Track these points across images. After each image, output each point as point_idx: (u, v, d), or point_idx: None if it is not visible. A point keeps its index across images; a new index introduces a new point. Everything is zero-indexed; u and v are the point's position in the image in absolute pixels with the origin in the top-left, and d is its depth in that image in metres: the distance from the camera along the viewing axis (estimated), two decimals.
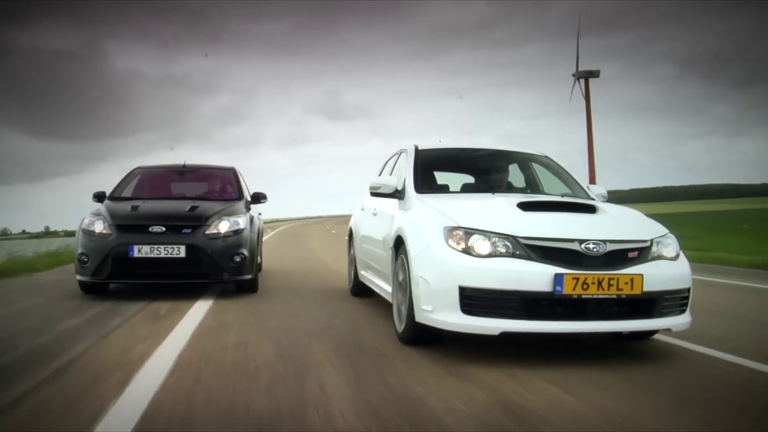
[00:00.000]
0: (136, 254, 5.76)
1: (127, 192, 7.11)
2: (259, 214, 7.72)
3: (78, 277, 6.07)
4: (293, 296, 6.42)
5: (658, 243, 3.78)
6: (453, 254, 3.60)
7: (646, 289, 3.50)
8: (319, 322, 4.87)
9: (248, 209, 6.74)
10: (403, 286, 4.07)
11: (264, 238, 10.94)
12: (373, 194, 4.85)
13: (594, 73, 53.19)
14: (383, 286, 4.89)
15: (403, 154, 5.35)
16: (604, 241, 3.55)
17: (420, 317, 3.74)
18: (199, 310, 5.34)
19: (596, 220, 3.89)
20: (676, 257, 3.84)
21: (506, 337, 3.53)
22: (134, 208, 6.32)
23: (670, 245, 3.84)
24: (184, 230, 5.91)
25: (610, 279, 3.44)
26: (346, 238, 6.94)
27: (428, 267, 3.70)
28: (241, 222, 6.23)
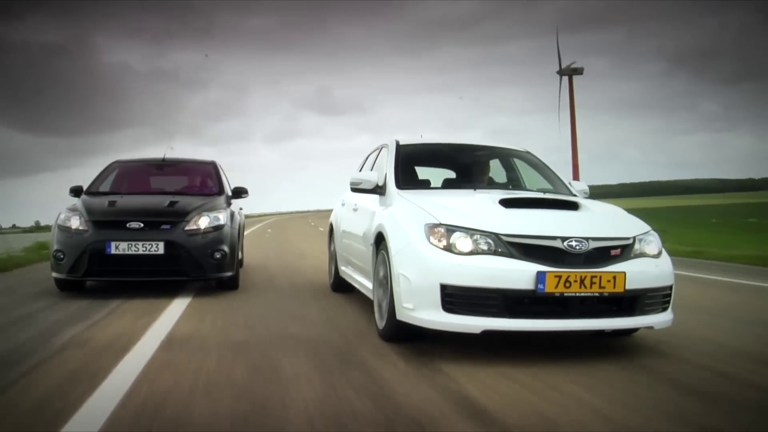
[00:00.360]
0: (113, 251, 5.60)
1: (105, 187, 6.91)
2: (240, 209, 7.60)
3: (54, 274, 5.91)
4: (273, 294, 6.34)
5: (640, 240, 3.76)
6: (434, 252, 3.55)
7: (628, 286, 3.48)
8: (297, 328, 4.72)
9: (229, 204, 6.62)
10: (384, 283, 4.01)
11: (246, 232, 10.76)
12: (354, 190, 4.78)
13: (578, 71, 54.56)
14: (364, 283, 4.82)
15: (383, 149, 5.28)
16: (587, 239, 3.52)
17: (401, 315, 3.69)
18: (172, 314, 4.98)
19: (579, 217, 3.86)
20: (659, 254, 3.82)
21: (488, 335, 3.49)
22: (111, 203, 6.16)
23: (652, 242, 3.82)
24: (163, 226, 5.77)
25: (592, 277, 3.41)
26: (327, 233, 6.86)
27: (409, 264, 3.64)
28: (222, 217, 6.09)
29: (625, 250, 3.64)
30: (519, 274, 3.40)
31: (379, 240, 4.18)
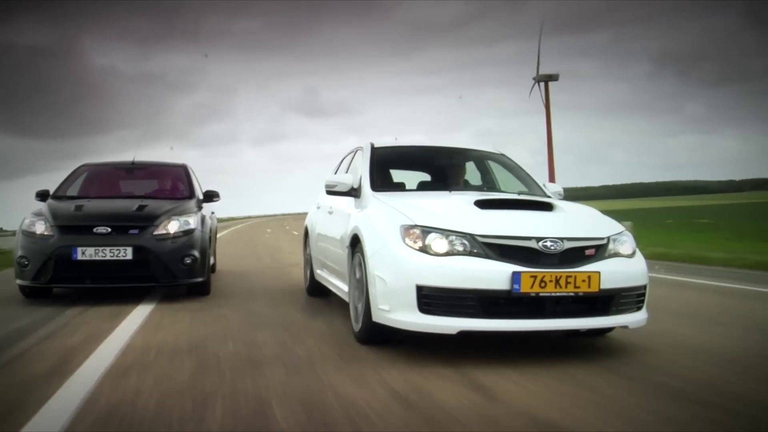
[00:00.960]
0: (79, 257, 5.45)
1: (73, 191, 6.74)
2: (212, 212, 7.50)
3: (18, 281, 5.76)
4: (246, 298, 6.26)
5: (614, 240, 3.78)
6: (410, 253, 3.53)
7: (603, 286, 3.49)
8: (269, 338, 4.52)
9: (200, 208, 6.48)
10: (360, 285, 3.99)
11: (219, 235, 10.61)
12: (329, 192, 4.76)
13: (553, 77, 57.81)
14: (340, 286, 4.79)
15: (358, 152, 5.27)
16: (562, 239, 3.53)
17: (377, 317, 3.67)
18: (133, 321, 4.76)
19: (553, 218, 3.88)
20: (633, 254, 3.84)
21: (464, 335, 3.49)
22: (78, 207, 6.01)
23: (626, 242, 3.85)
24: (131, 231, 5.64)
25: (567, 277, 3.42)
26: (302, 237, 6.81)
27: (385, 266, 3.62)
28: (192, 222, 5.97)
29: (599, 250, 3.66)
30: (494, 275, 3.40)
31: (355, 242, 4.15)
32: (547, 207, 4.03)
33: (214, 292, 6.48)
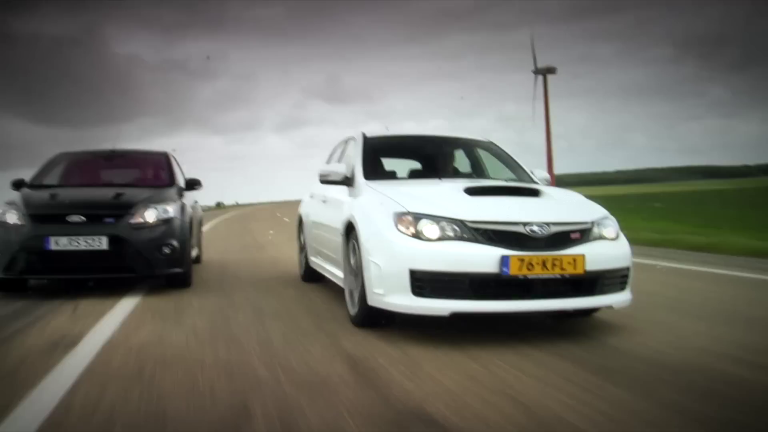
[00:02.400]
0: (52, 247, 5.26)
1: (52, 180, 6.57)
2: (195, 201, 7.41)
3: None
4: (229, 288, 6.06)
5: (598, 224, 3.94)
6: (403, 239, 3.68)
7: (588, 268, 3.66)
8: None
9: (181, 196, 6.32)
10: (355, 271, 4.14)
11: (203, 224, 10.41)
12: (323, 182, 4.89)
13: (551, 70, 59.75)
14: (335, 272, 4.94)
15: (351, 141, 5.40)
16: (548, 224, 3.69)
17: (372, 300, 3.82)
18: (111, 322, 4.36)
19: (540, 203, 4.03)
20: (617, 237, 4.01)
21: (456, 317, 3.65)
22: (52, 196, 5.84)
23: (610, 226, 4.01)
24: (106, 219, 5.45)
25: (554, 259, 3.58)
26: (296, 226, 6.96)
27: (379, 252, 3.77)
28: (171, 210, 5.78)
29: (584, 234, 3.82)
30: (484, 259, 3.55)
31: (349, 230, 4.30)
32: (534, 193, 4.19)
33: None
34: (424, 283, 3.59)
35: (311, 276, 6.14)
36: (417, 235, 3.67)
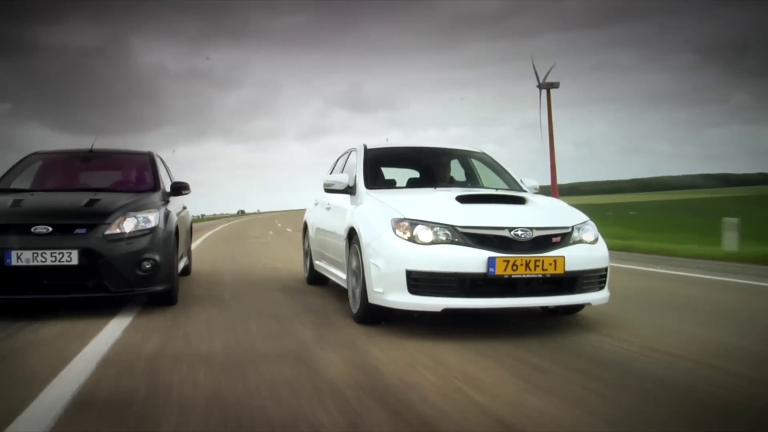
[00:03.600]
0: (14, 262, 4.57)
1: (24, 183, 5.85)
2: (184, 207, 6.80)
3: None
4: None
5: (578, 229, 4.33)
6: (400, 242, 4.09)
7: (567, 268, 4.05)
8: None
9: (165, 202, 5.61)
10: (357, 272, 4.53)
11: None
12: (327, 190, 5.29)
13: (554, 85, 65.00)
14: (338, 274, 5.34)
15: (353, 152, 5.80)
16: (531, 228, 4.08)
17: (373, 299, 4.22)
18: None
19: (524, 210, 4.43)
20: (595, 241, 4.40)
21: (447, 313, 4.05)
22: (16, 202, 5.07)
23: (589, 230, 4.40)
24: (77, 230, 4.76)
25: (536, 261, 3.97)
26: (301, 231, 7.37)
27: (379, 254, 4.17)
28: (152, 219, 5.09)
29: (564, 238, 4.21)
30: (473, 260, 3.95)
31: (351, 234, 4.70)
32: (520, 201, 4.58)
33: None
34: (419, 282, 3.99)
35: (316, 279, 6.54)
36: (413, 239, 4.07)
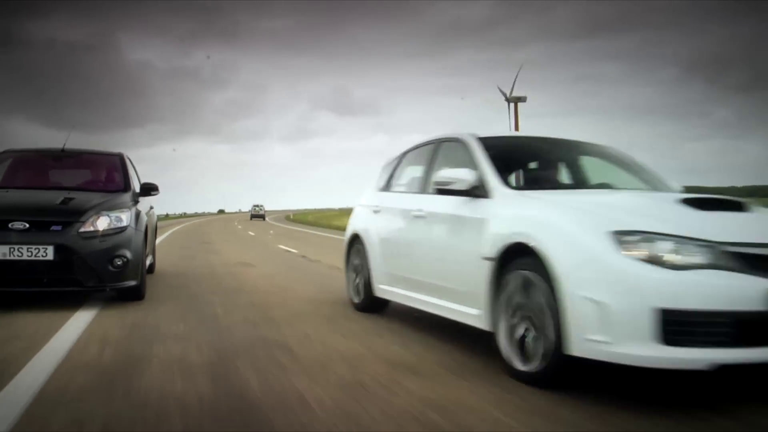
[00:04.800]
0: None
1: None
2: (151, 207, 7.02)
3: None
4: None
5: None
6: (638, 266, 2.72)
7: None
8: None
9: (135, 202, 5.80)
10: (528, 311, 3.12)
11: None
12: (442, 191, 3.88)
13: (522, 99, 68.24)
14: (457, 308, 3.86)
15: (446, 144, 4.44)
16: None
17: (582, 349, 2.82)
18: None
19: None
20: None
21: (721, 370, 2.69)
22: None
23: None
24: (53, 227, 4.97)
25: None
26: (345, 245, 5.77)
27: (599, 284, 2.78)
28: (124, 218, 5.35)
29: None
30: (750, 292, 2.65)
31: (513, 255, 3.28)
32: (744, 207, 3.31)
33: None
34: (678, 326, 2.63)
35: (373, 306, 5.11)
36: (656, 261, 2.72)
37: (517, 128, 67.28)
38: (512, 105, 64.91)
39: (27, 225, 4.89)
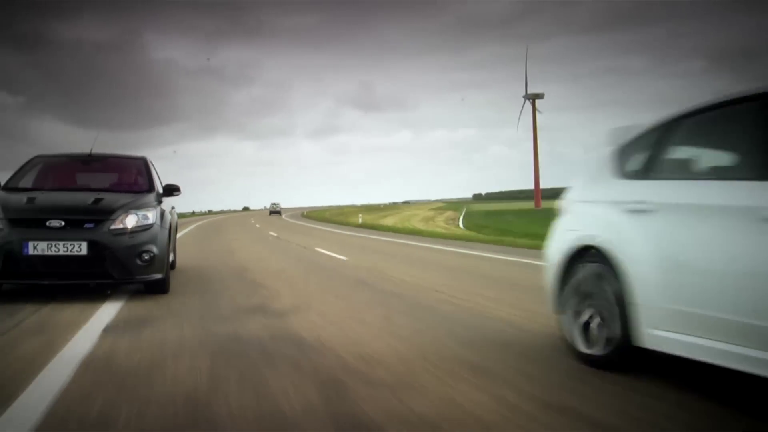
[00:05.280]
0: (30, 251, 5.05)
1: (27, 182, 6.32)
2: (173, 207, 7.20)
3: None
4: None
5: None
6: None
7: None
8: None
9: (159, 202, 6.10)
10: None
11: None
12: None
13: (539, 95, 73.86)
14: None
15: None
16: None
17: None
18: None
19: None
20: None
21: None
22: (30, 200, 5.64)
23: None
24: (86, 225, 5.28)
25: None
26: (555, 264, 3.58)
27: None
28: (151, 216, 5.66)
29: None
30: None
31: None
32: None
33: None
34: None
35: (626, 360, 3.08)
36: None
37: (534, 125, 65.92)
38: (528, 102, 65.20)
39: (63, 223, 5.16)
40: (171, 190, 6.54)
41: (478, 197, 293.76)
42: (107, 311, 4.74)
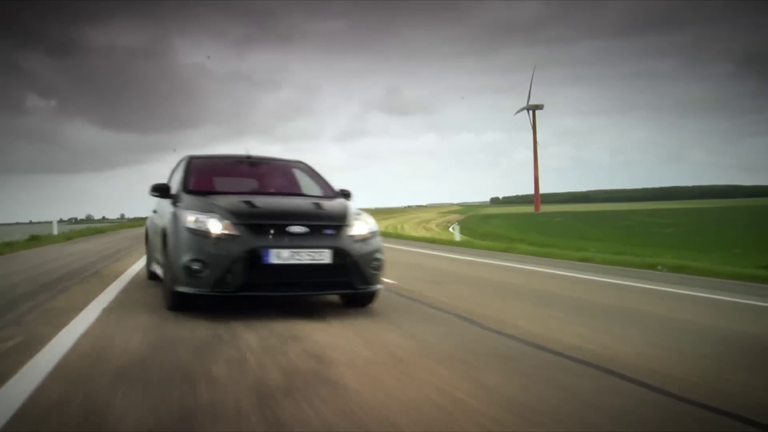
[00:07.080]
0: (273, 260, 4.69)
1: (194, 185, 5.86)
2: None
3: (184, 288, 4.80)
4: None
5: None
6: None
7: None
8: None
9: None
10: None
11: None
12: None
13: (539, 107, 77.95)
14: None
15: None
16: None
17: None
18: None
19: None
20: None
21: None
22: (249, 203, 5.13)
23: None
24: (326, 231, 4.95)
25: None
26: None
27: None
28: (371, 222, 5.33)
29: None
30: None
31: None
32: None
33: None
34: None
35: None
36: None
37: (534, 135, 66.11)
38: (530, 112, 64.78)
39: (307, 229, 4.84)
40: (347, 196, 6.10)
41: (495, 201, 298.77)
42: None
